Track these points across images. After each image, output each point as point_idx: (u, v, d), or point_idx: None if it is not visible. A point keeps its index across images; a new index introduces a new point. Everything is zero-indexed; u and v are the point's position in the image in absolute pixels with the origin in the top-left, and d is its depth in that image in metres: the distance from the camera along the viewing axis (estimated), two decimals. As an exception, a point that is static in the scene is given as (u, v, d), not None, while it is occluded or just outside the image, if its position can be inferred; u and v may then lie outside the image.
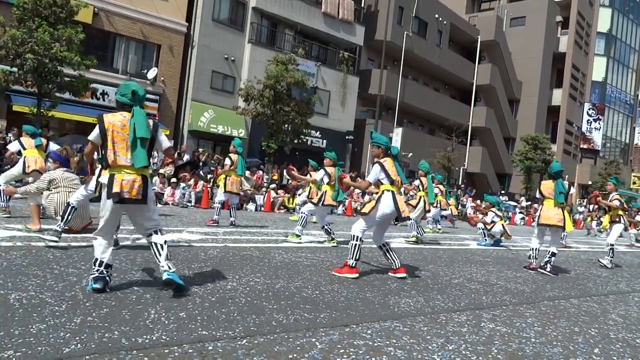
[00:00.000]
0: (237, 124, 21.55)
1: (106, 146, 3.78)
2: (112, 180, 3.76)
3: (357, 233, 5.46)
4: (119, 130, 3.81)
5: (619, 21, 46.69)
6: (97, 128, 3.82)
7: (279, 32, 23.86)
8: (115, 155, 3.78)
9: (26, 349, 2.57)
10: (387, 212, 5.42)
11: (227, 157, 9.76)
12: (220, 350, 2.82)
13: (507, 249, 10.73)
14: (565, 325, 4.25)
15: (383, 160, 5.58)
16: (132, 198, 3.78)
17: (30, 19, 13.32)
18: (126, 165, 3.81)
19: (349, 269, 5.39)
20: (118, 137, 3.80)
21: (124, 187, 3.75)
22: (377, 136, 5.76)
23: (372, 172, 5.59)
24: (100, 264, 3.82)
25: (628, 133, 50.28)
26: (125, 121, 3.85)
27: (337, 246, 7.96)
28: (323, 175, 8.03)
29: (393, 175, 5.52)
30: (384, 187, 5.50)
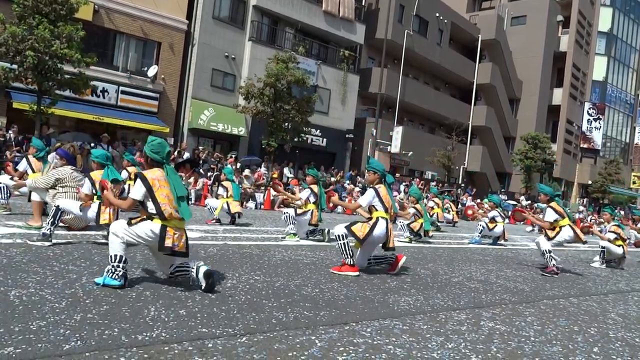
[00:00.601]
0: (237, 122, 21.54)
1: (156, 199, 3.95)
2: (164, 232, 3.95)
3: (340, 233, 5.45)
4: (164, 184, 4.03)
5: (620, 21, 46.63)
6: (140, 186, 3.97)
7: (279, 30, 23.83)
8: (169, 208, 3.98)
9: (26, 345, 2.57)
10: (376, 238, 5.48)
11: (220, 186, 9.93)
12: (220, 347, 2.82)
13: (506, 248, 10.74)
14: (565, 324, 4.25)
15: (378, 187, 5.61)
16: (180, 251, 4.03)
17: (31, 16, 13.30)
18: (177, 218, 4.02)
19: (349, 267, 5.40)
20: (165, 190, 4.01)
21: (175, 240, 3.98)
22: (374, 162, 5.83)
23: (366, 197, 5.61)
24: (120, 259, 3.90)
25: (628, 133, 50.27)
26: (164, 176, 4.08)
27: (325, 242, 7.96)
28: (309, 195, 8.08)
29: (387, 203, 5.56)
30: (378, 214, 5.53)
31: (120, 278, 3.86)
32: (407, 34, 28.86)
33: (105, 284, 3.83)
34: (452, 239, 11.72)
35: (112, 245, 3.94)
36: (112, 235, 3.97)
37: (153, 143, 4.14)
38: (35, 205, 6.45)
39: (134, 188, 4.02)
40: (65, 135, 15.92)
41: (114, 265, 3.86)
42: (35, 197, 6.50)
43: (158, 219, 3.96)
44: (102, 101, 18.26)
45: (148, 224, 3.97)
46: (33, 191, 6.61)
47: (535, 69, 39.01)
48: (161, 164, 4.12)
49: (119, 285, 3.84)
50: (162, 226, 3.95)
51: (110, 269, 3.87)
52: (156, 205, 3.94)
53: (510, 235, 14.92)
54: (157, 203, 3.93)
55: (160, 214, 3.94)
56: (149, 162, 4.17)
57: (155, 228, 3.95)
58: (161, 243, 3.93)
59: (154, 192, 3.94)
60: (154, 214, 3.97)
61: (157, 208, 3.94)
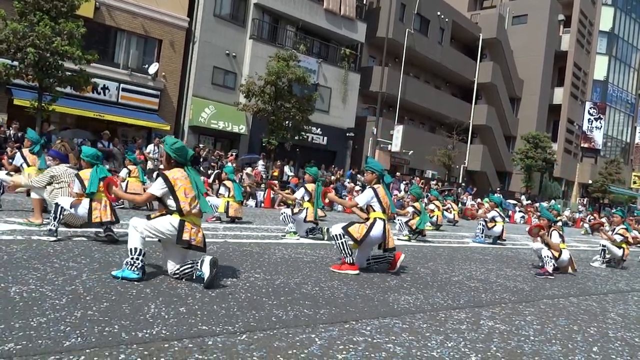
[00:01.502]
0: (237, 120, 21.53)
1: (177, 197, 4.14)
2: (182, 226, 4.13)
3: (337, 232, 5.43)
4: (185, 182, 4.20)
5: (621, 20, 46.56)
6: (161, 183, 4.17)
7: (280, 28, 23.81)
8: (187, 206, 4.15)
9: (27, 342, 2.58)
10: (374, 239, 5.47)
11: (222, 185, 9.86)
12: (220, 345, 2.83)
13: (506, 247, 10.74)
14: (565, 323, 4.26)
15: (376, 187, 5.59)
16: (197, 246, 4.21)
17: (32, 12, 13.28)
18: (195, 214, 4.22)
19: (348, 266, 5.39)
20: (187, 188, 4.19)
21: (192, 234, 4.15)
22: (372, 162, 5.81)
23: (364, 196, 5.60)
24: (140, 252, 4.04)
25: (629, 132, 50.23)
26: (185, 175, 4.26)
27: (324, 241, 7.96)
28: (303, 194, 8.09)
29: (384, 203, 5.55)
30: (375, 215, 5.50)
31: (138, 271, 4.03)
32: (408, 33, 28.83)
33: (124, 277, 3.97)
34: (452, 238, 11.72)
35: (131, 238, 4.09)
36: (132, 228, 4.12)
37: (176, 146, 4.31)
38: (36, 202, 6.45)
39: (155, 185, 4.22)
40: (66, 133, 15.91)
41: (133, 257, 4.04)
42: (36, 194, 6.50)
43: (177, 214, 4.15)
44: (103, 98, 18.25)
45: (167, 218, 4.16)
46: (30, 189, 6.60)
47: (536, 68, 38.97)
48: (183, 165, 4.32)
49: (137, 277, 4.00)
50: (180, 220, 4.14)
51: (129, 262, 4.04)
52: (177, 203, 4.14)
53: (510, 235, 14.92)
54: (178, 200, 4.14)
55: (179, 211, 4.14)
56: (171, 162, 4.34)
57: (175, 222, 4.13)
58: (179, 236, 4.10)
59: (175, 191, 4.14)
60: (173, 210, 4.17)
61: (177, 205, 4.14)
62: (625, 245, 9.13)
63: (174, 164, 4.32)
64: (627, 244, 9.18)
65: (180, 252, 4.28)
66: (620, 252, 9.06)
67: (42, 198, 6.51)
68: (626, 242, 9.13)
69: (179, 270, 4.21)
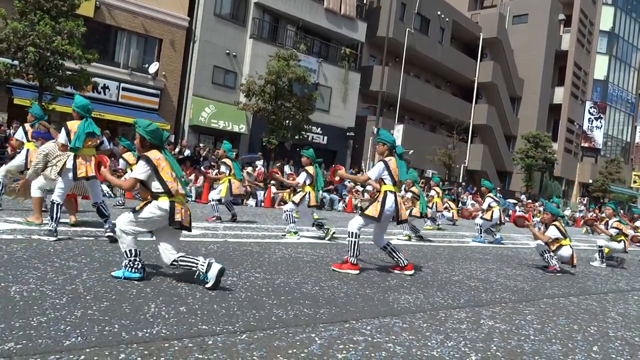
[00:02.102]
0: (238, 120, 21.53)
1: (162, 178, 4.07)
2: (173, 207, 4.08)
3: (354, 230, 5.44)
4: (166, 163, 4.14)
5: (622, 20, 46.52)
6: (143, 166, 4.07)
7: (280, 27, 23.81)
8: (175, 185, 4.13)
9: (27, 341, 2.58)
10: (388, 213, 5.43)
11: (222, 163, 9.75)
12: (220, 344, 2.83)
13: (506, 247, 10.74)
14: (565, 323, 4.26)
15: (388, 159, 5.55)
16: (186, 226, 4.18)
17: (32, 12, 13.29)
18: (182, 194, 4.21)
19: (350, 265, 5.39)
20: (169, 169, 4.13)
21: (183, 215, 4.12)
22: (383, 133, 5.74)
23: (375, 169, 5.56)
24: (135, 253, 4.06)
25: (629, 132, 50.20)
26: (163, 157, 4.18)
27: (337, 239, 7.98)
28: (305, 178, 8.03)
29: (396, 176, 5.52)
30: (386, 188, 5.49)
31: (139, 270, 4.06)
32: (409, 32, 28.82)
33: (126, 277, 4.00)
34: (452, 237, 11.72)
35: (122, 242, 4.08)
36: (119, 232, 4.09)
37: (150, 128, 4.19)
38: (36, 201, 6.41)
39: (137, 168, 4.10)
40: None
41: (131, 260, 4.04)
42: (36, 193, 6.42)
43: (165, 197, 4.08)
44: (103, 98, 18.25)
45: (154, 204, 4.08)
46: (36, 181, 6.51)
47: (537, 68, 38.95)
48: (159, 147, 4.22)
49: (139, 277, 4.03)
50: (170, 202, 4.08)
51: (127, 264, 4.04)
52: (163, 184, 4.07)
53: (511, 234, 14.92)
54: (164, 181, 4.07)
55: (168, 192, 4.08)
56: (146, 145, 4.21)
57: (164, 205, 4.07)
58: (171, 218, 4.06)
59: (159, 172, 4.07)
60: (160, 193, 4.09)
61: (165, 186, 4.08)
62: (624, 238, 9.07)
63: (149, 146, 4.20)
64: (624, 235, 9.11)
65: (173, 235, 4.21)
66: (620, 245, 9.00)
67: (42, 197, 6.49)
68: (622, 234, 9.07)
69: (178, 259, 4.08)
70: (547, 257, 7.27)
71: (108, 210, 6.01)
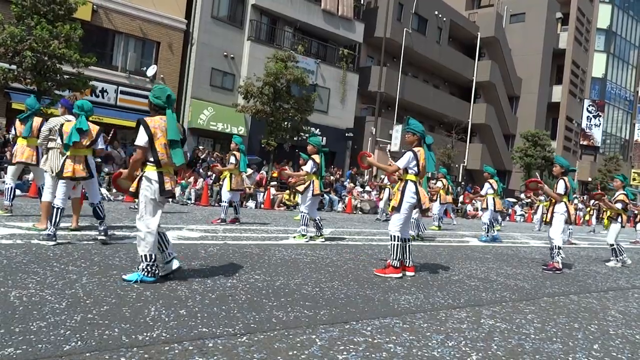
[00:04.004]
0: (236, 122, 21.53)
1: (155, 149, 4.11)
2: (162, 177, 4.16)
3: (395, 233, 5.40)
4: (164, 132, 4.16)
5: (619, 17, 46.61)
6: (143, 133, 4.10)
7: (278, 29, 23.82)
8: (165, 157, 4.16)
9: (27, 346, 2.57)
10: (411, 202, 5.44)
11: (232, 155, 9.67)
12: (220, 347, 2.82)
13: (506, 246, 10.74)
14: (565, 321, 4.26)
15: (417, 150, 5.52)
16: (173, 191, 4.33)
17: (29, 16, 13.28)
18: (169, 165, 4.23)
19: (393, 269, 5.38)
20: (163, 140, 4.15)
21: (172, 184, 4.23)
22: (413, 122, 5.65)
23: (404, 159, 5.51)
24: (155, 258, 4.16)
25: (628, 129, 50.27)
26: (165, 123, 4.20)
27: (324, 242, 7.94)
28: (312, 166, 7.90)
29: (422, 167, 5.51)
30: (408, 177, 5.48)
31: (156, 275, 4.14)
32: (406, 32, 28.83)
33: (142, 281, 4.06)
34: (452, 237, 11.72)
35: (146, 244, 4.13)
36: (144, 234, 4.15)
37: (155, 89, 4.33)
38: (44, 206, 6.25)
39: (139, 135, 4.15)
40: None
41: (149, 264, 4.11)
42: (46, 197, 6.27)
43: (153, 167, 4.16)
44: (102, 101, 18.24)
45: (144, 180, 4.17)
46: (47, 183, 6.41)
47: (535, 67, 39.00)
48: (163, 108, 4.27)
49: (154, 281, 4.10)
50: (158, 172, 4.16)
51: (145, 268, 4.10)
52: (154, 154, 4.13)
53: (510, 233, 14.94)
54: (156, 152, 4.13)
55: (157, 162, 4.14)
56: (153, 108, 4.32)
57: (153, 175, 4.15)
58: (162, 188, 4.14)
59: (154, 142, 4.11)
60: (150, 162, 4.18)
61: (155, 156, 4.14)
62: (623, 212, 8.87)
63: (155, 108, 4.29)
64: (625, 210, 8.90)
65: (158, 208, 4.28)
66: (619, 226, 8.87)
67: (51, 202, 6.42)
68: (624, 209, 8.87)
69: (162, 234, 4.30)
70: (555, 252, 7.23)
71: (104, 212, 6.01)
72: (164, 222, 8.71)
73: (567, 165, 7.44)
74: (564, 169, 7.38)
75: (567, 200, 7.30)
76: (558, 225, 7.26)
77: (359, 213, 18.16)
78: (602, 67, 45.19)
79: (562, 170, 7.36)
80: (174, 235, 7.16)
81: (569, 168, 7.45)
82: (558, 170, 7.40)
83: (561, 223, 7.25)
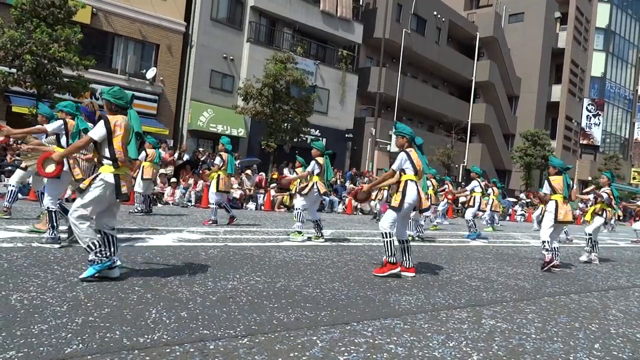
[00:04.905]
0: (236, 123, 21.54)
1: (113, 145, 4.11)
2: (118, 180, 4.11)
3: (386, 230, 5.42)
4: (124, 131, 4.18)
5: (618, 16, 46.64)
6: (102, 127, 4.12)
7: (277, 30, 23.84)
8: (122, 156, 4.15)
9: (28, 349, 2.58)
10: (411, 202, 5.45)
11: (218, 156, 9.67)
12: (221, 349, 2.83)
13: (507, 245, 10.74)
14: (566, 321, 4.26)
15: (409, 150, 5.57)
16: (129, 195, 4.21)
17: (29, 19, 13.31)
18: (126, 164, 4.20)
19: (391, 265, 5.40)
20: (124, 138, 4.16)
21: (128, 186, 4.17)
22: (401, 126, 5.73)
23: (398, 160, 5.55)
24: (99, 244, 4.06)
25: (628, 128, 50.28)
26: (126, 122, 4.22)
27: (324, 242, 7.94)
28: (314, 166, 7.99)
29: (417, 165, 5.54)
30: (407, 177, 5.49)
31: (109, 259, 4.07)
32: (405, 33, 28.86)
33: (97, 272, 4.00)
34: (452, 237, 11.72)
35: (83, 235, 4.03)
36: (74, 226, 4.05)
37: (114, 91, 4.31)
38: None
39: (95, 128, 4.14)
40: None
41: (97, 252, 4.03)
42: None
43: (109, 167, 4.11)
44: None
45: (99, 181, 4.09)
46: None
47: (534, 66, 39.02)
48: (125, 108, 4.30)
49: (110, 264, 4.04)
50: (115, 175, 4.11)
51: (94, 258, 4.03)
52: (111, 151, 4.12)
53: (511, 233, 14.94)
54: (113, 149, 4.11)
55: (114, 160, 4.12)
56: (112, 108, 4.30)
57: (109, 178, 4.10)
58: (118, 191, 4.10)
59: (112, 138, 4.11)
60: (106, 158, 4.14)
61: (112, 153, 4.12)
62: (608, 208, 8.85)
63: (115, 109, 4.29)
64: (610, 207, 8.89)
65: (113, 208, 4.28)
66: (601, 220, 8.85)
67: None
68: (609, 204, 8.84)
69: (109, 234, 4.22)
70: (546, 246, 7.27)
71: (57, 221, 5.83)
72: (164, 224, 8.73)
73: (560, 165, 7.48)
74: (557, 169, 7.43)
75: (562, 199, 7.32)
76: (546, 222, 7.37)
77: (359, 214, 18.16)
78: (601, 66, 45.21)
79: (556, 171, 7.42)
80: (174, 237, 7.17)
81: (562, 167, 7.48)
82: (552, 171, 7.46)
83: (549, 221, 7.30)
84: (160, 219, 9.78)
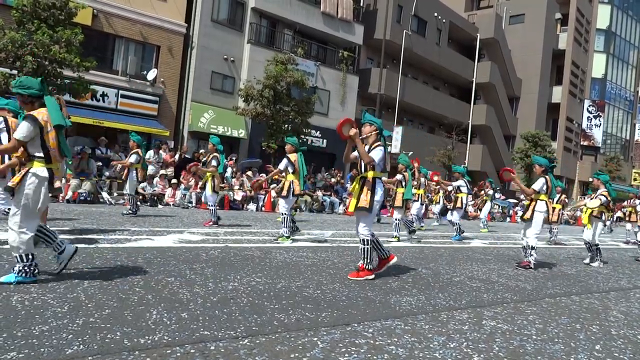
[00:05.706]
0: (237, 125, 21.55)
1: (45, 142, 3.89)
2: (52, 174, 3.95)
3: (367, 237, 5.21)
4: (49, 126, 3.92)
5: (618, 18, 46.63)
6: (29, 126, 3.81)
7: (278, 32, 23.85)
8: (55, 152, 3.97)
9: (29, 350, 2.58)
10: (380, 200, 5.24)
11: (213, 157, 9.61)
12: (222, 350, 2.83)
13: (507, 247, 10.73)
14: (567, 322, 4.25)
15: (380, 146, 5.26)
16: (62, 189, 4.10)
17: (30, 21, 13.32)
18: (58, 160, 4.03)
19: (367, 272, 5.24)
20: (53, 133, 3.93)
21: (60, 181, 4.11)
22: (369, 116, 5.51)
23: (379, 155, 5.19)
24: (33, 257, 3.90)
25: (628, 129, 50.23)
26: (47, 112, 3.93)
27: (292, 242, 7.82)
28: (287, 165, 7.76)
29: (388, 162, 5.40)
30: (376, 174, 5.22)
31: (35, 275, 3.91)
32: (406, 34, 28.88)
33: (19, 282, 3.81)
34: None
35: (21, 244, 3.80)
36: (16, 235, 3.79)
37: (20, 81, 3.97)
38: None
39: (21, 128, 3.82)
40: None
41: (26, 264, 3.84)
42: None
43: (41, 163, 3.89)
44: (102, 105, 18.27)
45: (31, 176, 3.84)
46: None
47: (535, 67, 39.02)
48: (40, 97, 3.98)
49: (33, 281, 3.88)
50: (48, 169, 3.92)
51: (22, 269, 3.83)
52: (45, 148, 3.90)
53: (511, 234, 14.93)
54: (47, 146, 3.90)
55: (48, 158, 3.92)
56: (26, 101, 3.98)
57: (43, 172, 3.88)
58: (51, 185, 3.93)
59: (44, 135, 3.88)
60: (38, 157, 3.89)
61: (46, 151, 3.90)
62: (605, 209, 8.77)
63: (30, 99, 3.97)
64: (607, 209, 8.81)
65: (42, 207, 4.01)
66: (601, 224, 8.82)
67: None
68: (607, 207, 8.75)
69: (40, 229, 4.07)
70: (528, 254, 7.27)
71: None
72: (165, 226, 8.73)
73: (546, 163, 7.46)
74: (543, 167, 7.41)
75: (547, 199, 7.33)
76: (537, 224, 7.29)
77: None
78: (601, 68, 45.19)
79: (542, 169, 7.40)
80: (175, 238, 7.17)
81: (548, 166, 7.47)
82: (538, 169, 7.45)
83: (540, 222, 7.28)
84: (161, 220, 9.78)
